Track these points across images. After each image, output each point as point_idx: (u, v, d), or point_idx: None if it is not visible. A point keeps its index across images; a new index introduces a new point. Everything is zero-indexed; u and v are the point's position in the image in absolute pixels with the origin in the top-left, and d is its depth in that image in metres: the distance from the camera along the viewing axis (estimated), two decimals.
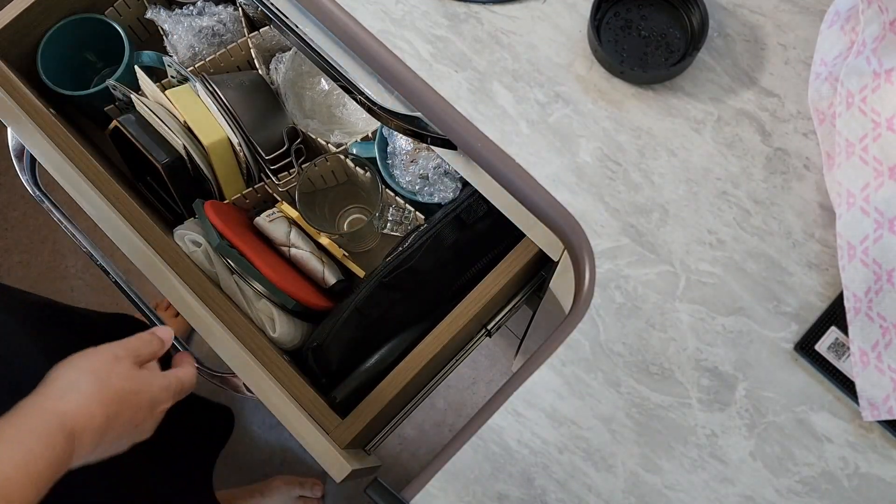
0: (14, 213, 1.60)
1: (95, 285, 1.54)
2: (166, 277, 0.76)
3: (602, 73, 0.63)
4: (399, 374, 0.75)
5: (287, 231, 0.86)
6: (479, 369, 1.45)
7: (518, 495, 0.55)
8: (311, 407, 0.73)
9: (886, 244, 0.55)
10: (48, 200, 0.86)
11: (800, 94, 0.61)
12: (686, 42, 0.63)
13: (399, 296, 0.81)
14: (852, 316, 0.55)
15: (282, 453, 1.43)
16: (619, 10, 0.64)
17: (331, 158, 0.87)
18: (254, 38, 0.92)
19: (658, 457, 0.55)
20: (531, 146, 0.61)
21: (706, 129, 0.61)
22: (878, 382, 0.54)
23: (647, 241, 0.59)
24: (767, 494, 0.54)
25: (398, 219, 0.91)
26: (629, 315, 0.57)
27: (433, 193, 0.86)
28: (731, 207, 0.59)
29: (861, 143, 0.57)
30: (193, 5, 0.93)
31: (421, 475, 0.56)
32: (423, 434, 1.42)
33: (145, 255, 0.77)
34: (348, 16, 0.65)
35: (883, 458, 0.54)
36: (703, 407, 0.55)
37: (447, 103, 0.62)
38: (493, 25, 0.64)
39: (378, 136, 0.88)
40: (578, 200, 0.60)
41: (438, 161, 0.85)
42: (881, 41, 0.58)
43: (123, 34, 0.90)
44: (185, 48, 0.91)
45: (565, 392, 0.56)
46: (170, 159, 0.83)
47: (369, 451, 0.81)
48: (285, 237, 0.85)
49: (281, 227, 0.86)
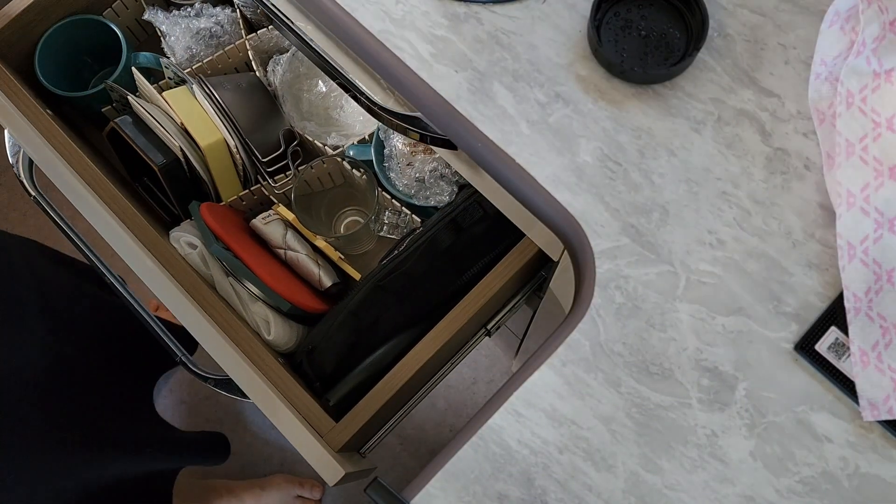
0: (14, 214, 1.59)
1: None
2: (161, 279, 0.76)
3: (602, 73, 0.63)
4: (394, 376, 0.75)
5: (283, 233, 0.85)
6: (479, 369, 1.45)
7: (518, 495, 0.55)
8: (305, 410, 0.73)
9: (886, 244, 0.55)
10: (45, 201, 0.86)
11: (800, 94, 0.61)
12: (686, 42, 0.63)
13: (394, 300, 0.80)
14: (852, 316, 0.55)
15: (281, 453, 1.43)
16: (619, 10, 0.64)
17: (327, 161, 0.87)
18: (251, 40, 0.91)
19: (658, 457, 0.55)
20: (531, 146, 0.61)
21: (706, 129, 0.61)
22: (878, 382, 0.54)
23: (647, 241, 0.59)
24: (767, 494, 0.54)
25: (395, 221, 0.91)
26: (629, 315, 0.57)
27: (429, 197, 0.86)
28: (731, 207, 0.59)
29: (861, 143, 0.57)
30: (191, 7, 0.93)
31: (421, 475, 0.56)
32: (423, 434, 1.42)
33: (140, 257, 0.77)
34: (348, 16, 0.65)
35: (883, 458, 0.54)
36: (703, 407, 0.55)
37: (447, 103, 0.62)
38: (493, 25, 0.64)
39: (375, 138, 0.88)
40: (578, 200, 0.60)
41: (435, 164, 0.85)
42: (881, 41, 0.58)
43: (121, 35, 0.90)
44: (183, 50, 0.91)
45: (565, 392, 0.56)
46: (166, 161, 0.83)
47: (364, 453, 0.81)
48: (281, 239, 0.85)
49: (277, 230, 0.86)
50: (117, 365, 1.06)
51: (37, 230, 1.58)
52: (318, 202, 0.93)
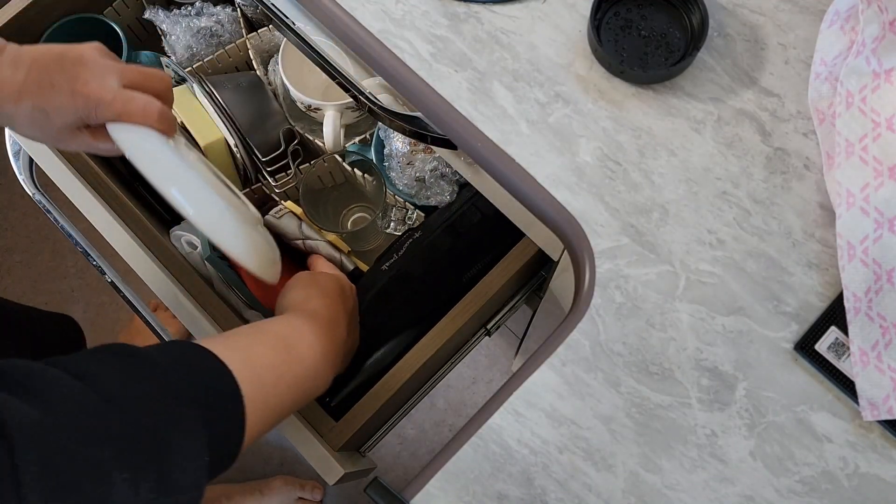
0: (14, 213, 1.59)
1: (95, 285, 1.54)
2: (162, 279, 0.76)
3: (602, 73, 0.63)
4: (394, 376, 0.75)
5: (298, 223, 0.86)
6: (478, 369, 1.45)
7: (518, 495, 0.55)
8: (305, 410, 0.73)
9: (886, 244, 0.55)
10: (46, 200, 0.86)
11: (800, 93, 0.61)
12: (686, 42, 0.63)
13: (395, 302, 0.80)
14: (852, 316, 0.55)
15: (281, 452, 1.43)
16: (619, 10, 0.64)
17: (328, 160, 0.87)
18: (252, 39, 0.91)
19: (658, 457, 0.55)
20: (531, 146, 0.61)
21: (706, 128, 0.61)
22: (878, 382, 0.54)
23: (647, 240, 0.59)
24: (767, 494, 0.54)
25: (401, 217, 0.91)
26: (629, 315, 0.57)
27: (430, 197, 0.86)
28: (731, 207, 0.59)
29: (861, 143, 0.57)
30: (192, 6, 0.93)
31: (421, 475, 0.56)
32: (423, 434, 1.42)
33: (141, 256, 0.77)
34: (348, 16, 0.65)
35: (883, 458, 0.54)
36: (703, 407, 0.55)
37: (447, 103, 0.62)
38: (493, 25, 0.64)
39: (375, 138, 0.88)
40: (578, 200, 0.60)
41: (435, 164, 0.85)
42: (881, 41, 0.58)
43: (122, 34, 0.90)
44: (183, 49, 0.91)
45: (565, 392, 0.56)
46: None
47: (364, 452, 0.81)
48: (298, 230, 0.85)
49: (291, 222, 0.86)
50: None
51: (37, 230, 1.58)
52: (324, 199, 0.93)
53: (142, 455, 0.41)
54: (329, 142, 0.85)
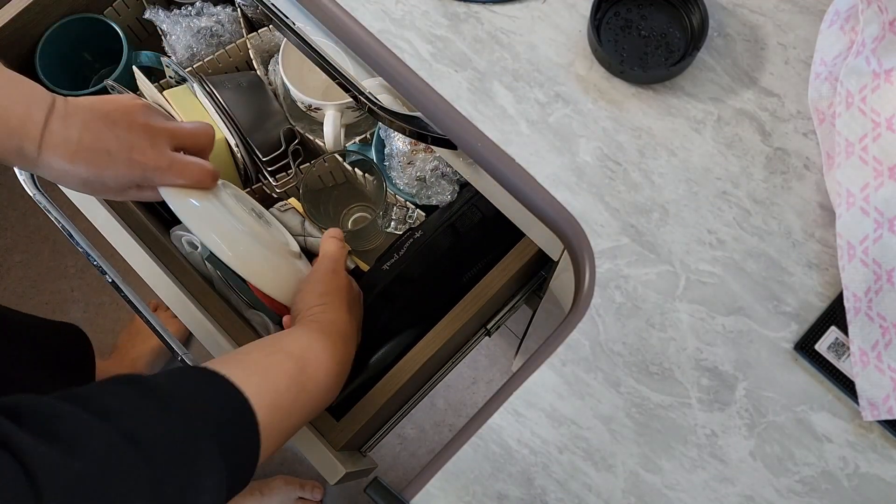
0: (14, 213, 1.59)
1: (95, 285, 1.54)
2: (162, 278, 0.76)
3: (602, 73, 0.63)
4: (395, 376, 0.75)
5: (301, 220, 0.86)
6: (478, 369, 1.45)
7: (518, 495, 0.55)
8: None
9: (886, 244, 0.55)
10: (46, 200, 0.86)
11: (800, 93, 0.61)
12: (686, 42, 0.63)
13: (394, 306, 0.80)
14: (852, 316, 0.55)
15: (281, 452, 1.43)
16: (619, 10, 0.64)
17: (328, 159, 0.87)
18: (252, 39, 0.91)
19: (658, 456, 0.55)
20: (531, 146, 0.61)
21: (706, 128, 0.61)
22: (878, 382, 0.54)
23: (647, 240, 0.59)
24: (767, 494, 0.54)
25: (402, 217, 0.91)
26: (629, 315, 0.57)
27: (430, 196, 0.85)
28: (731, 207, 0.59)
29: (861, 143, 0.57)
30: (192, 6, 0.93)
31: (421, 475, 0.56)
32: (423, 434, 1.42)
33: (141, 256, 0.77)
34: (348, 16, 0.65)
35: (883, 458, 0.54)
36: (703, 407, 0.55)
37: (447, 103, 0.62)
38: (493, 25, 0.64)
39: (375, 137, 0.88)
40: (578, 200, 0.60)
41: (435, 163, 0.85)
42: (881, 41, 0.58)
43: (122, 34, 0.90)
44: (184, 49, 0.91)
45: (565, 392, 0.56)
46: None
47: (364, 452, 0.81)
48: (300, 227, 0.85)
49: (294, 218, 0.86)
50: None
51: (37, 230, 1.58)
52: (325, 198, 0.93)
53: (169, 501, 0.41)
54: (329, 141, 0.85)
